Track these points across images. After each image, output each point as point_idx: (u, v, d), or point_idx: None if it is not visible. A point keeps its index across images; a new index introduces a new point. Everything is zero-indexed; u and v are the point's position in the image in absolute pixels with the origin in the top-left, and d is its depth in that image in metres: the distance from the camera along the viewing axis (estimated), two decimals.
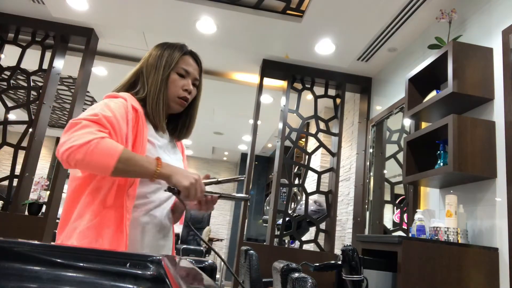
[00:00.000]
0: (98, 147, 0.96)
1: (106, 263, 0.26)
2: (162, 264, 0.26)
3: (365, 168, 3.69)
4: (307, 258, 3.12)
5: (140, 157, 1.04)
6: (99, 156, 0.96)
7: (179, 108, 1.26)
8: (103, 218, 1.05)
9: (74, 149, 0.96)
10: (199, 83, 1.33)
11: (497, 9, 2.25)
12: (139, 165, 1.02)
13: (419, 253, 1.91)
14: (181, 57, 1.27)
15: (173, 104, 1.25)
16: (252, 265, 2.36)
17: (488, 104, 2.20)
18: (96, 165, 0.97)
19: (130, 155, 1.01)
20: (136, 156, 1.03)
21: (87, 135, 0.97)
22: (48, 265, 0.26)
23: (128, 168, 1.00)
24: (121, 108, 1.11)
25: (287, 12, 3.22)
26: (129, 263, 0.26)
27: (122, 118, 1.09)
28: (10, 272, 0.25)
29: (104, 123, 1.03)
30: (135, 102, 1.18)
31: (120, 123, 1.07)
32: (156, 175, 1.03)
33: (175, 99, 1.24)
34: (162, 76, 1.22)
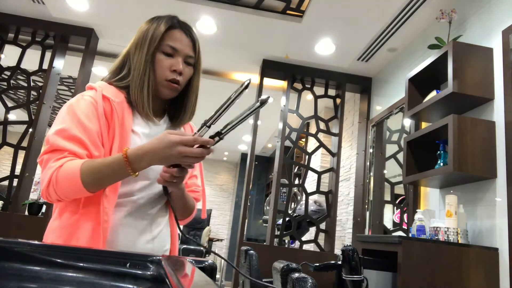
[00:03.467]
0: (58, 179, 0.91)
1: (106, 263, 0.26)
2: (162, 264, 0.26)
3: (365, 168, 3.69)
4: (307, 258, 3.12)
5: (103, 161, 0.93)
6: (66, 186, 0.91)
7: (170, 93, 1.09)
8: (79, 219, 0.97)
9: (44, 193, 0.93)
10: (196, 60, 1.13)
11: (497, 9, 2.25)
12: (106, 171, 0.92)
13: (419, 253, 1.91)
14: (166, 32, 1.07)
15: (162, 88, 1.08)
16: (252, 265, 2.36)
17: (488, 104, 2.20)
18: (71, 193, 0.93)
19: (91, 166, 0.91)
20: (99, 163, 0.92)
21: (47, 173, 0.93)
22: (48, 265, 0.26)
23: (99, 179, 0.92)
24: (88, 106, 1.00)
25: (287, 12, 3.22)
26: (129, 263, 0.26)
27: (89, 118, 0.98)
28: (10, 272, 0.25)
29: (58, 146, 0.94)
30: (111, 92, 1.05)
31: (85, 125, 0.97)
32: (132, 171, 0.92)
33: (163, 82, 1.07)
34: (146, 56, 1.05)
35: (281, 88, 4.16)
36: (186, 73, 1.10)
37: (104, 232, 0.95)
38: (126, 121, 1.03)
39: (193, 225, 7.79)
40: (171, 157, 0.90)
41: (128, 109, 1.05)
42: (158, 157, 0.91)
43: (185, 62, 1.09)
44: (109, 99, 1.02)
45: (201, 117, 1.04)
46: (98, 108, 1.00)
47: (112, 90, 1.06)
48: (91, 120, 0.99)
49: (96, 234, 0.94)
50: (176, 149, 0.89)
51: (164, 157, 0.90)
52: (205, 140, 0.92)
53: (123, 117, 1.03)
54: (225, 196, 9.35)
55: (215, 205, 9.18)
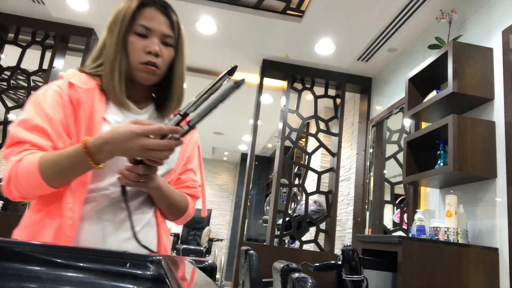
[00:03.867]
0: (18, 175, 0.84)
1: (106, 263, 0.26)
2: (162, 264, 0.26)
3: (365, 168, 3.69)
4: (307, 258, 3.12)
5: (62, 152, 0.84)
6: (26, 181, 0.84)
7: (148, 77, 0.98)
8: (44, 217, 0.89)
9: (5, 190, 0.86)
10: (177, 41, 1.02)
11: (497, 9, 2.25)
12: (66, 163, 0.83)
13: (419, 253, 1.91)
14: (138, 11, 0.97)
15: (138, 73, 0.97)
16: (252, 265, 2.36)
17: (488, 104, 2.20)
18: (33, 189, 0.85)
19: (50, 159, 0.83)
20: (58, 155, 0.84)
21: (6, 168, 0.86)
22: (48, 265, 0.26)
23: (60, 172, 0.84)
24: (54, 95, 0.92)
25: (287, 12, 3.22)
26: (129, 263, 0.26)
27: (53, 107, 0.90)
28: (10, 272, 0.25)
29: (19, 138, 0.86)
30: (79, 79, 0.96)
31: (49, 115, 0.89)
32: (94, 162, 0.82)
33: (138, 66, 0.96)
34: (117, 39, 0.96)
35: (281, 88, 4.16)
36: (165, 55, 0.98)
37: (67, 230, 0.86)
38: (97, 109, 0.93)
39: (193, 225, 7.79)
40: (132, 151, 0.80)
41: (101, 97, 0.96)
42: (119, 148, 0.81)
43: (163, 42, 0.98)
44: (75, 86, 0.94)
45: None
46: (63, 96, 0.92)
47: (82, 77, 0.97)
48: (56, 109, 0.91)
49: (60, 233, 0.86)
50: (136, 141, 0.79)
51: (125, 149, 0.81)
52: (171, 128, 0.81)
53: (93, 104, 0.94)
54: (225, 196, 9.35)
55: (215, 205, 9.18)
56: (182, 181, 1.09)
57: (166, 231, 1.06)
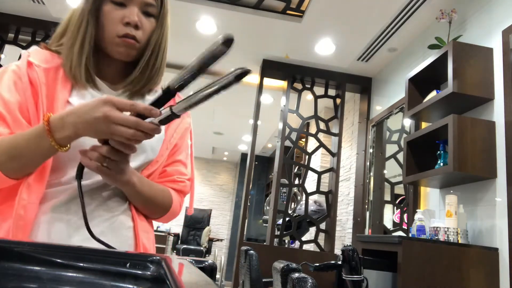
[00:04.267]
0: None
1: (106, 263, 0.26)
2: (162, 264, 0.26)
3: (365, 168, 3.69)
4: (307, 258, 3.12)
5: (21, 134, 0.73)
6: None
7: (127, 52, 0.85)
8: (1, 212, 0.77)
9: None
10: (160, 10, 0.88)
11: (497, 9, 2.25)
12: (24, 144, 0.71)
13: (419, 253, 1.91)
14: None
15: (114, 48, 0.84)
16: (252, 265, 2.36)
17: (488, 104, 2.20)
18: None
19: (6, 142, 0.72)
20: (15, 137, 0.73)
21: None
22: (48, 265, 0.26)
23: (17, 156, 0.71)
24: (11, 76, 0.81)
25: (287, 12, 3.22)
26: (129, 263, 0.26)
27: (9, 89, 0.79)
28: (10, 272, 0.25)
29: None
30: (40, 57, 0.85)
31: (4, 98, 0.78)
32: (56, 142, 0.70)
33: (115, 40, 0.83)
34: (88, 5, 0.84)
35: (281, 88, 4.16)
36: (146, 26, 0.86)
37: (18, 232, 0.73)
38: (59, 90, 0.81)
39: (193, 225, 7.80)
40: (96, 122, 0.66)
41: (66, 77, 0.83)
42: (82, 120, 0.67)
43: (143, 12, 0.86)
44: (34, 65, 0.82)
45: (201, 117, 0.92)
46: (22, 77, 0.81)
47: (44, 55, 0.85)
48: (12, 92, 0.79)
49: (10, 234, 0.73)
50: (102, 109, 0.66)
51: (88, 120, 0.67)
52: (145, 107, 0.66)
53: (55, 86, 0.82)
54: (225, 196, 9.35)
55: (215, 205, 9.18)
56: (168, 174, 0.94)
57: (147, 230, 0.91)
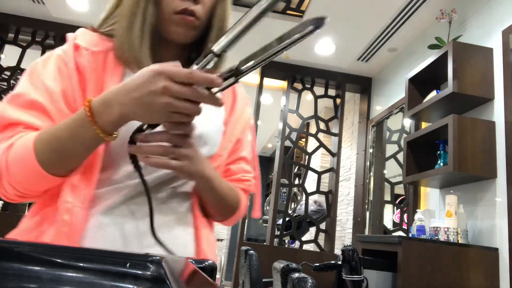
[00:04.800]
0: (9, 165, 0.62)
1: (106, 263, 0.26)
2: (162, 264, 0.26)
3: (365, 168, 3.69)
4: (307, 258, 3.12)
5: (60, 124, 0.63)
6: (19, 171, 0.62)
7: (185, 31, 0.73)
8: (41, 222, 0.67)
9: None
10: None
11: (497, 9, 2.25)
12: (65, 134, 0.61)
13: (419, 253, 1.91)
14: None
15: (171, 27, 0.72)
16: (252, 265, 2.36)
17: (488, 104, 2.20)
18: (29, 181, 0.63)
19: (47, 134, 0.62)
20: (55, 128, 0.63)
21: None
22: (48, 265, 0.26)
23: (59, 150, 0.61)
24: (56, 61, 0.71)
25: (287, 12, 3.22)
26: (129, 263, 0.26)
27: (54, 77, 0.69)
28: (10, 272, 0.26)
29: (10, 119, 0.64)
30: (89, 39, 0.74)
31: (48, 86, 0.67)
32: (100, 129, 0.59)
33: (172, 17, 0.71)
34: None
35: (281, 88, 4.16)
36: (205, 0, 0.74)
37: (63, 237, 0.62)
38: (109, 77, 0.70)
39: None
40: (151, 97, 0.55)
41: (116, 64, 0.72)
42: (131, 98, 0.56)
43: None
44: (82, 48, 0.71)
45: None
46: (68, 62, 0.70)
47: (92, 37, 0.75)
48: (57, 80, 0.69)
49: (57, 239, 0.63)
50: (159, 83, 0.55)
51: (140, 97, 0.56)
52: (207, 76, 0.56)
53: (104, 72, 0.71)
54: None
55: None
56: (232, 172, 0.83)
57: (208, 235, 0.78)
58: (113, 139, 0.61)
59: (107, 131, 0.59)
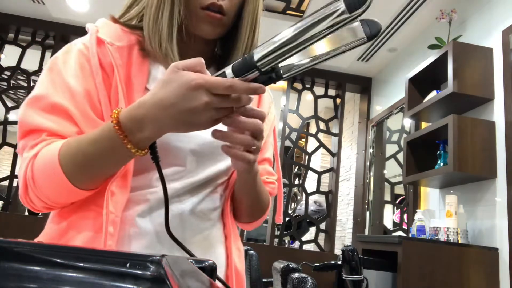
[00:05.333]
0: (35, 176, 0.58)
1: (106, 263, 0.26)
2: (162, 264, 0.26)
3: (365, 168, 3.69)
4: (307, 258, 3.12)
5: (87, 136, 0.57)
6: (46, 184, 0.58)
7: (212, 29, 0.68)
8: (67, 229, 0.62)
9: (24, 199, 0.62)
10: None
11: (497, 9, 2.25)
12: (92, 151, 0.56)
13: (419, 253, 1.91)
14: None
15: (196, 23, 0.68)
16: (252, 265, 2.36)
17: (488, 104, 2.20)
18: (57, 194, 0.59)
19: (72, 148, 0.57)
20: (82, 141, 0.57)
21: (20, 170, 0.60)
22: (48, 265, 0.26)
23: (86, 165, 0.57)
24: (77, 57, 0.65)
25: (287, 12, 3.22)
26: (129, 263, 0.26)
27: (76, 76, 0.63)
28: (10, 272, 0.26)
29: (32, 125, 0.60)
30: (111, 32, 0.68)
31: (71, 87, 0.62)
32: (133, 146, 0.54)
33: (197, 12, 0.66)
34: None
35: (281, 88, 4.16)
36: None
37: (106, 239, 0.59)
38: (136, 75, 0.65)
39: None
40: (193, 116, 0.50)
41: (141, 59, 0.67)
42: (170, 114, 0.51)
43: None
44: (106, 43, 0.66)
45: None
46: (91, 58, 0.64)
47: (115, 30, 0.69)
48: (79, 78, 0.63)
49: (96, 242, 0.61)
50: (200, 100, 0.49)
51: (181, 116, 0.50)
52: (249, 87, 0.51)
53: (129, 69, 0.66)
54: None
55: None
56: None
57: (239, 246, 0.74)
58: (144, 154, 0.56)
59: (140, 147, 0.55)
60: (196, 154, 0.68)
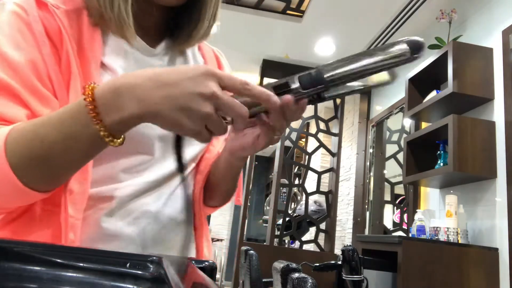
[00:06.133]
0: None
1: (106, 263, 0.26)
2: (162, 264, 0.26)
3: (365, 168, 3.69)
4: (307, 258, 3.12)
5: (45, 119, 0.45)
6: None
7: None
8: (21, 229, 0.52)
9: None
10: None
11: (497, 9, 2.25)
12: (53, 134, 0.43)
13: (419, 253, 1.91)
14: None
15: None
16: (252, 265, 2.36)
17: (488, 104, 2.20)
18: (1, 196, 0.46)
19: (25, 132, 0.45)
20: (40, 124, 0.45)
21: None
22: (48, 265, 0.26)
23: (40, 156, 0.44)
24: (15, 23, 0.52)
25: (287, 12, 3.22)
26: (129, 263, 0.26)
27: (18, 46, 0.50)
28: (10, 272, 0.26)
29: None
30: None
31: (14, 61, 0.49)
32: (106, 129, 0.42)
33: None
34: None
35: None
36: None
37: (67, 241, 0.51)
38: (89, 47, 0.54)
39: None
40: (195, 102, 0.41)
41: (92, 26, 0.56)
42: (165, 96, 0.41)
43: None
44: (49, 5, 0.53)
45: None
46: (33, 23, 0.52)
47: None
48: (20, 48, 0.50)
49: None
50: (210, 86, 0.41)
51: (180, 98, 0.41)
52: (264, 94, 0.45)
53: (82, 39, 0.54)
54: None
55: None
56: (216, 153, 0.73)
57: (208, 236, 0.70)
58: (119, 145, 0.45)
59: (113, 133, 0.43)
60: (165, 140, 0.59)
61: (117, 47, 0.59)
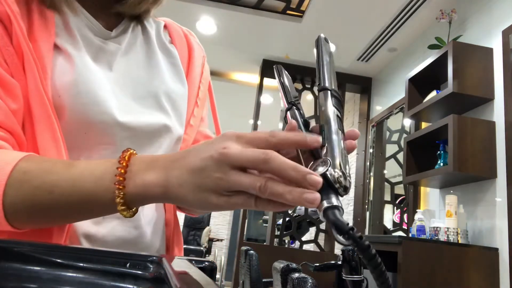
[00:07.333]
0: None
1: (106, 263, 0.26)
2: (162, 264, 0.26)
3: (365, 168, 3.69)
4: (307, 258, 3.12)
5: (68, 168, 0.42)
6: None
7: None
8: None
9: None
10: None
11: (497, 9, 2.25)
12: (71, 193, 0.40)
13: (419, 253, 1.91)
14: None
15: None
16: (252, 265, 2.36)
17: (488, 104, 2.20)
18: None
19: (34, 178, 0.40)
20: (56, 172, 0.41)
21: None
22: (48, 265, 0.26)
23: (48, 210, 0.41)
24: None
25: (287, 12, 3.22)
26: (129, 263, 0.26)
27: None
28: (10, 272, 0.26)
29: None
30: None
31: None
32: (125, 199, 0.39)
33: None
34: None
35: None
36: None
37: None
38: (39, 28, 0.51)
39: (193, 225, 7.80)
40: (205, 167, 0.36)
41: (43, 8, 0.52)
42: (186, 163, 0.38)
43: None
44: None
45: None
46: None
47: None
48: None
49: None
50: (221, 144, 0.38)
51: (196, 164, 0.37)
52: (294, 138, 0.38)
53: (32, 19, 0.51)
54: None
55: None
56: (196, 139, 0.69)
57: (180, 239, 0.67)
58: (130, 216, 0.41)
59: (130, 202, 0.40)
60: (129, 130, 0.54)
61: (71, 29, 0.54)
